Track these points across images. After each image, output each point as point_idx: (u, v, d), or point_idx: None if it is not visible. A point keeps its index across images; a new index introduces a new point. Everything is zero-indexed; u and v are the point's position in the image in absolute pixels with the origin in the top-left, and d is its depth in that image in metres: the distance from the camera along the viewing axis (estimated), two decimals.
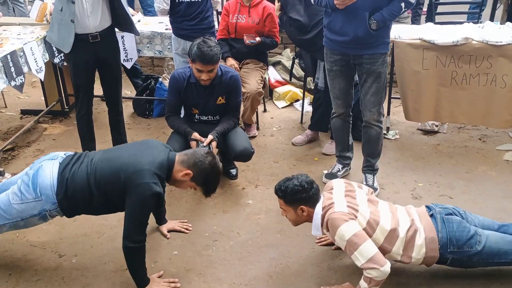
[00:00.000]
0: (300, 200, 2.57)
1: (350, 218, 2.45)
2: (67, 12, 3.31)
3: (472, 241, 2.51)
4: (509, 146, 4.12)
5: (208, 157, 2.65)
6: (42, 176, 2.58)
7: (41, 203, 2.57)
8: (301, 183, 2.57)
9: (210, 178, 2.66)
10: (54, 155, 2.72)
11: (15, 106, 5.00)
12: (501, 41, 3.77)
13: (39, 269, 2.81)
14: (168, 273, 2.78)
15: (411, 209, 2.70)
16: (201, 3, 3.86)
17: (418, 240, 2.52)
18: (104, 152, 2.74)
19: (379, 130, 3.41)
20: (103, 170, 2.56)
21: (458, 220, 2.57)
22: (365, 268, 2.40)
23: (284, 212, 2.68)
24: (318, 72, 3.97)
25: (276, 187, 2.64)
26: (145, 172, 2.48)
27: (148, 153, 2.60)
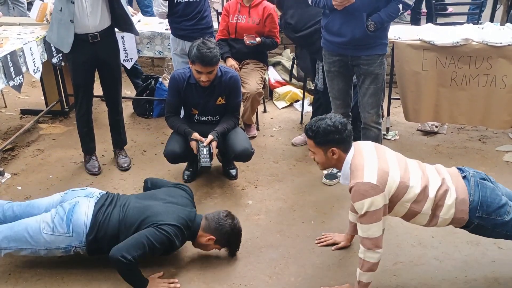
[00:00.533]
0: (332, 141, 2.44)
1: (377, 192, 2.32)
2: (66, 12, 3.30)
3: (502, 210, 2.42)
4: (508, 147, 4.12)
5: (228, 220, 2.78)
6: (77, 213, 2.66)
7: (70, 239, 2.65)
8: (335, 123, 2.44)
9: (232, 240, 2.82)
10: (90, 192, 2.82)
11: (15, 106, 5.00)
12: (501, 42, 3.77)
13: (38, 269, 2.81)
14: (167, 273, 2.78)
15: (441, 168, 2.59)
16: (199, 3, 3.87)
17: (448, 200, 2.42)
18: (136, 198, 2.86)
19: (377, 132, 3.40)
20: (134, 219, 2.68)
21: (491, 186, 2.49)
22: (363, 239, 2.39)
23: (313, 154, 2.55)
24: (318, 73, 3.97)
25: (306, 127, 2.52)
26: (171, 226, 2.63)
27: (178, 210, 2.76)
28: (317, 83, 3.98)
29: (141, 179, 3.66)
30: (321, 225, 3.20)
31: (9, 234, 2.65)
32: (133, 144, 4.23)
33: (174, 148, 3.44)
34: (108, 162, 3.97)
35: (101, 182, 3.68)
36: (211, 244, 2.79)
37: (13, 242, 2.65)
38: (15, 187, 3.63)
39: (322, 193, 3.55)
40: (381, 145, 2.67)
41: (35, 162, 3.98)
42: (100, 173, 3.80)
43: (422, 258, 2.88)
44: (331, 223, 3.21)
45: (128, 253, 2.51)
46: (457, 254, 2.91)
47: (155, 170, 3.80)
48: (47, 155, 4.09)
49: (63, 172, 3.84)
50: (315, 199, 3.47)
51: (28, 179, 3.73)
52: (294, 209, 3.37)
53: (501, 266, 2.80)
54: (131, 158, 3.96)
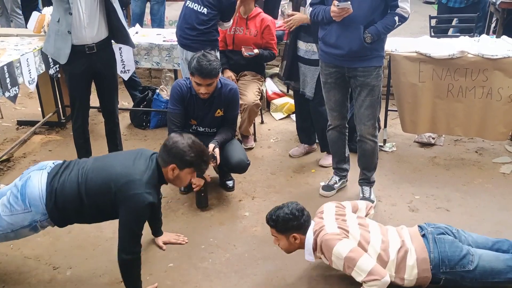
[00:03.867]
0: (292, 228, 2.61)
1: (342, 236, 2.49)
2: (64, 23, 3.31)
3: (465, 261, 2.50)
4: (505, 159, 4.12)
5: (175, 138, 2.58)
6: (30, 187, 2.55)
7: (31, 214, 2.54)
8: (292, 211, 2.61)
9: (192, 156, 2.56)
10: (42, 164, 2.69)
11: (11, 117, 4.99)
12: (496, 54, 3.79)
13: (33, 281, 2.78)
14: (163, 286, 2.76)
15: (403, 229, 2.71)
16: (206, 15, 3.77)
17: (410, 260, 2.52)
18: (94, 160, 2.71)
19: (373, 144, 3.40)
20: (94, 180, 2.53)
21: (450, 239, 2.57)
22: (366, 281, 2.40)
23: (277, 241, 2.70)
24: (306, 80, 3.93)
25: (267, 217, 2.67)
26: (136, 183, 2.46)
27: (139, 162, 2.57)
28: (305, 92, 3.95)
29: None
30: None
31: None
32: None
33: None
34: None
35: None
36: (178, 173, 2.56)
37: None
38: None
39: (320, 205, 3.45)
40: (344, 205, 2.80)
41: None
42: None
43: None
44: None
45: (128, 246, 2.47)
46: None
47: None
48: None
49: None
50: (312, 211, 3.40)
51: None
52: None
53: None
54: None
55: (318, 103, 3.85)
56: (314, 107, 3.91)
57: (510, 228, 3.18)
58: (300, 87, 3.96)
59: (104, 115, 3.85)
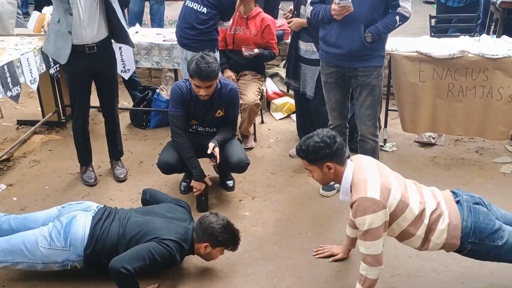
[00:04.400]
0: (325, 156, 2.44)
1: (380, 208, 2.32)
2: (64, 24, 3.30)
3: (496, 235, 2.42)
4: (505, 159, 4.12)
5: (212, 219, 2.74)
6: (75, 227, 2.65)
7: (68, 253, 2.63)
8: (323, 139, 2.44)
9: (225, 237, 2.74)
10: (87, 206, 2.81)
11: (11, 117, 4.99)
12: (497, 54, 3.79)
13: (33, 282, 2.78)
14: (164, 286, 2.76)
15: (436, 191, 2.59)
16: (206, 14, 3.77)
17: (441, 224, 2.42)
18: (135, 212, 2.84)
19: (374, 144, 3.40)
20: (134, 233, 2.67)
21: (485, 211, 2.48)
22: (365, 256, 2.38)
23: (310, 173, 2.54)
24: (305, 80, 3.93)
25: (297, 148, 2.53)
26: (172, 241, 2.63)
27: (177, 226, 2.75)
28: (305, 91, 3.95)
29: (138, 190, 3.65)
30: (318, 236, 3.18)
31: (5, 247, 2.63)
32: (130, 155, 4.22)
33: (167, 159, 3.42)
34: (105, 173, 3.95)
35: (97, 193, 3.66)
36: (210, 251, 2.75)
37: (9, 255, 2.63)
38: (10, 198, 3.60)
39: (320, 204, 3.54)
40: (380, 162, 2.67)
41: (31, 173, 3.96)
42: (97, 184, 3.78)
43: (419, 270, 2.86)
44: (329, 234, 3.20)
45: (129, 264, 2.49)
46: (455, 266, 2.89)
47: (152, 181, 3.79)
48: (43, 166, 4.07)
49: (59, 183, 3.81)
50: (313, 211, 3.46)
51: (24, 190, 3.71)
52: (292, 220, 3.35)
53: (499, 278, 2.79)
54: (127, 169, 3.94)
55: (318, 103, 3.85)
56: (315, 106, 3.91)
57: None
58: (301, 86, 3.96)
59: (104, 115, 3.85)
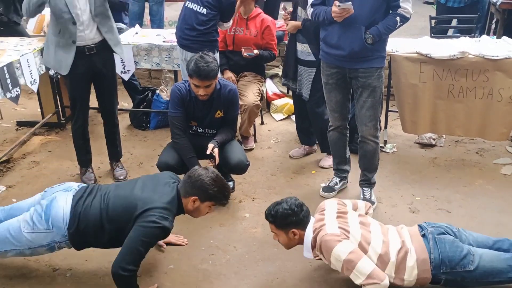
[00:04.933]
0: (291, 223, 2.58)
1: (343, 238, 2.46)
2: (66, 34, 3.32)
3: (465, 261, 2.49)
4: (506, 160, 4.11)
5: (201, 172, 2.67)
6: (55, 208, 2.61)
7: (52, 235, 2.59)
8: (291, 207, 2.58)
9: (215, 190, 2.66)
10: (67, 186, 2.76)
11: (11, 118, 4.98)
12: (497, 55, 3.79)
13: (32, 283, 2.77)
14: (163, 287, 2.75)
15: (403, 229, 2.69)
16: (206, 15, 3.76)
17: (410, 261, 2.50)
18: (116, 187, 2.78)
19: (375, 145, 3.39)
20: (116, 206, 2.60)
21: (450, 239, 2.55)
22: (365, 284, 2.39)
23: (276, 236, 2.68)
24: (301, 81, 3.92)
25: (266, 212, 2.65)
26: (156, 210, 2.53)
27: (161, 190, 2.65)
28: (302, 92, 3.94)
29: None
30: None
31: None
32: (129, 156, 4.21)
33: (167, 160, 3.41)
34: (104, 174, 3.94)
35: None
36: (198, 205, 2.66)
37: None
38: (10, 199, 3.59)
39: None
40: (345, 203, 2.78)
41: (30, 174, 3.95)
42: None
43: None
44: None
45: (127, 264, 2.47)
46: None
47: None
48: (42, 167, 4.06)
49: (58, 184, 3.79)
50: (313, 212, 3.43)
51: (24, 191, 3.70)
52: None
53: None
54: (127, 170, 3.94)
55: (314, 104, 3.85)
56: (311, 108, 3.90)
57: (511, 230, 3.17)
58: (297, 88, 3.95)
59: (103, 116, 3.84)
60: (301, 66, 3.84)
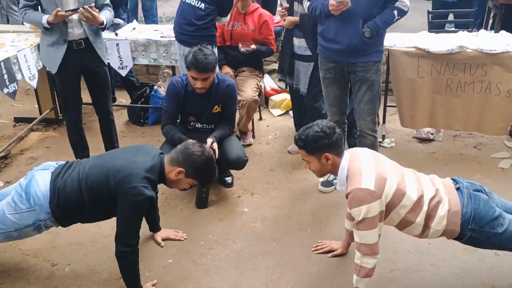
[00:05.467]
0: (323, 147, 2.42)
1: (375, 198, 2.32)
2: (57, 32, 3.30)
3: (496, 222, 2.41)
4: (504, 154, 4.12)
5: (195, 147, 2.61)
6: (34, 185, 2.58)
7: (35, 213, 2.55)
8: (322, 129, 2.42)
9: (203, 169, 2.61)
10: (46, 165, 2.72)
11: (8, 114, 4.97)
12: (495, 49, 3.78)
13: (31, 278, 2.77)
14: (162, 282, 2.75)
15: (435, 179, 2.58)
16: (204, 10, 3.76)
17: (441, 211, 2.41)
18: (95, 158, 2.74)
19: (373, 139, 3.39)
20: (94, 176, 2.55)
21: (485, 198, 2.47)
22: (359, 246, 2.38)
23: (307, 164, 2.53)
24: (299, 76, 3.92)
25: (296, 137, 2.51)
26: (135, 176, 2.46)
27: (139, 158, 2.58)
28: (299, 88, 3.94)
29: None
30: (317, 232, 3.17)
31: None
32: None
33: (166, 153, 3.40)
34: None
35: None
36: (181, 178, 2.59)
37: None
38: None
39: (319, 200, 3.53)
40: (377, 152, 2.67)
41: (28, 170, 3.87)
42: None
43: (419, 265, 2.86)
44: (328, 230, 3.19)
45: (127, 240, 2.46)
46: (454, 260, 2.89)
47: None
48: (40, 163, 4.01)
49: None
50: (312, 207, 3.45)
51: None
52: (290, 216, 3.35)
53: (499, 273, 2.79)
54: None
55: (312, 99, 3.84)
56: (308, 103, 3.90)
57: None
58: (294, 83, 3.95)
59: (97, 113, 3.78)
60: (298, 61, 3.83)
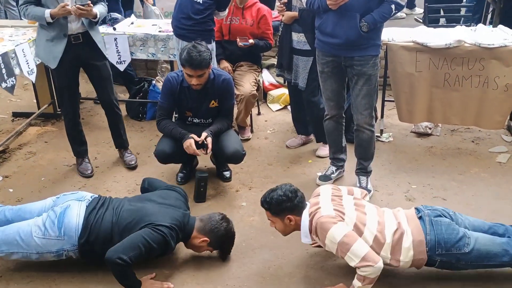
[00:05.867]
0: (286, 209, 2.59)
1: (338, 220, 2.47)
2: (57, 27, 3.32)
3: (461, 243, 2.50)
4: (501, 149, 4.13)
5: (223, 223, 2.79)
6: (69, 216, 2.65)
7: (62, 243, 2.63)
8: (285, 193, 2.60)
9: (225, 243, 2.83)
10: (81, 196, 2.81)
11: (6, 109, 4.97)
12: (493, 43, 3.79)
13: (30, 271, 2.78)
14: (161, 275, 2.76)
15: (399, 212, 2.70)
16: (202, 4, 3.75)
17: (406, 242, 2.51)
18: (129, 201, 2.84)
19: (370, 134, 3.40)
20: (128, 222, 2.67)
21: (447, 222, 2.57)
22: (359, 267, 2.40)
23: (273, 224, 2.70)
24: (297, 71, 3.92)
25: (261, 200, 2.67)
26: (165, 227, 2.62)
27: (172, 211, 2.74)
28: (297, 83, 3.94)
29: (135, 181, 3.65)
30: None
31: (0, 238, 2.63)
32: None
33: (164, 148, 3.42)
34: (101, 164, 3.94)
35: (94, 184, 3.65)
36: (204, 246, 2.79)
37: (4, 245, 2.63)
38: (6, 189, 3.60)
39: None
40: (340, 188, 2.78)
41: (27, 164, 3.95)
42: (93, 175, 3.77)
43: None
44: None
45: (124, 254, 2.49)
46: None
47: (149, 172, 3.78)
48: (39, 157, 4.06)
49: (55, 174, 3.81)
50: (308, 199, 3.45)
51: (20, 182, 3.70)
52: None
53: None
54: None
55: (310, 94, 3.85)
56: (307, 97, 3.90)
57: (506, 217, 3.19)
58: (292, 78, 3.95)
59: (102, 106, 3.83)
60: (297, 56, 3.83)
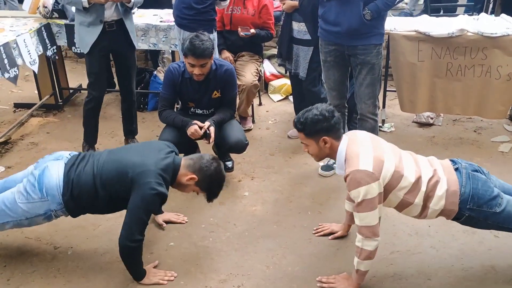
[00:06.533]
0: (322, 130, 2.43)
1: (373, 180, 2.32)
2: (94, 14, 3.37)
3: (494, 202, 2.42)
4: (503, 138, 4.13)
5: (213, 163, 2.69)
6: (48, 176, 2.60)
7: (47, 203, 2.58)
8: (321, 112, 2.43)
9: (214, 184, 2.70)
10: (59, 155, 2.73)
11: (8, 100, 4.97)
12: (496, 32, 3.78)
13: (34, 261, 2.79)
14: (164, 264, 2.77)
15: (433, 160, 2.60)
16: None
17: (439, 191, 2.42)
18: (109, 152, 2.75)
19: (374, 123, 3.40)
20: (110, 170, 2.58)
21: (483, 178, 2.48)
22: (360, 232, 2.38)
23: (306, 147, 2.54)
24: (298, 61, 3.91)
25: (295, 120, 2.50)
26: (150, 173, 2.51)
27: (154, 155, 2.63)
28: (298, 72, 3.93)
29: None
30: (317, 215, 3.19)
31: None
32: None
33: (167, 138, 3.40)
34: None
35: None
36: (191, 184, 2.66)
37: None
38: None
39: (319, 184, 3.55)
40: (375, 135, 2.67)
41: (29, 155, 3.95)
42: None
43: (418, 247, 2.88)
44: (328, 213, 3.21)
45: (134, 234, 2.48)
46: (453, 242, 2.91)
47: None
48: (41, 148, 4.06)
49: None
50: (312, 190, 3.47)
51: None
52: (291, 200, 3.37)
53: (498, 254, 2.81)
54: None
55: (310, 84, 3.84)
56: (307, 87, 3.90)
57: None
58: (293, 67, 3.94)
59: (121, 94, 3.89)
60: (297, 46, 3.82)
